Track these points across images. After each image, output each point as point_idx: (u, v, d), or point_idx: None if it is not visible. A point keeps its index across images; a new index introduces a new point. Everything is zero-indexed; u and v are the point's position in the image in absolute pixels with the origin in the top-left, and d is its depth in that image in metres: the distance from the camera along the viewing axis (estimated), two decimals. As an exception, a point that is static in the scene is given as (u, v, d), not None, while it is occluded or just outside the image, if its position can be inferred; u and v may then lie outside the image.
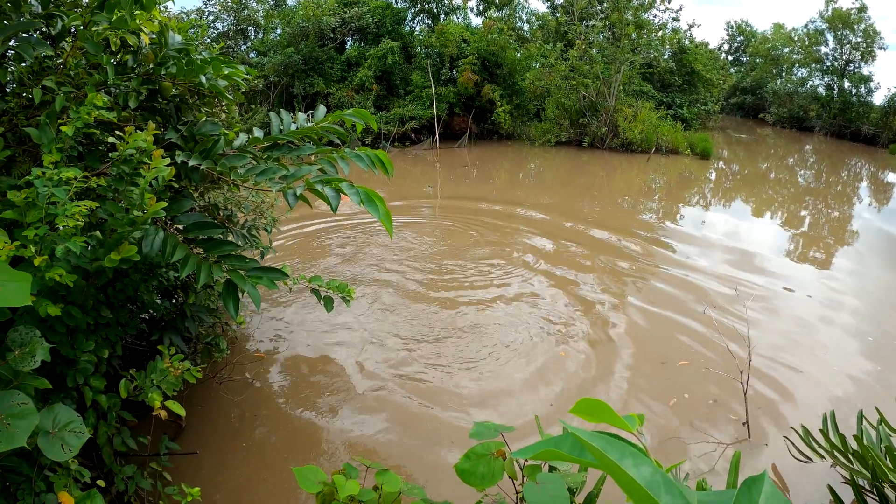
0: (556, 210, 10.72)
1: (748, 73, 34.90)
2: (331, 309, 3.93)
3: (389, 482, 1.77)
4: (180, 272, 2.51)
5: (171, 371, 2.58)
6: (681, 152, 18.38)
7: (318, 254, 7.82)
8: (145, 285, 3.20)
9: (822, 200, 13.94)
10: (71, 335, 2.56)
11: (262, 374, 4.78)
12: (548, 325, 5.74)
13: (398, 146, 18.60)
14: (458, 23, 21.04)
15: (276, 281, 2.71)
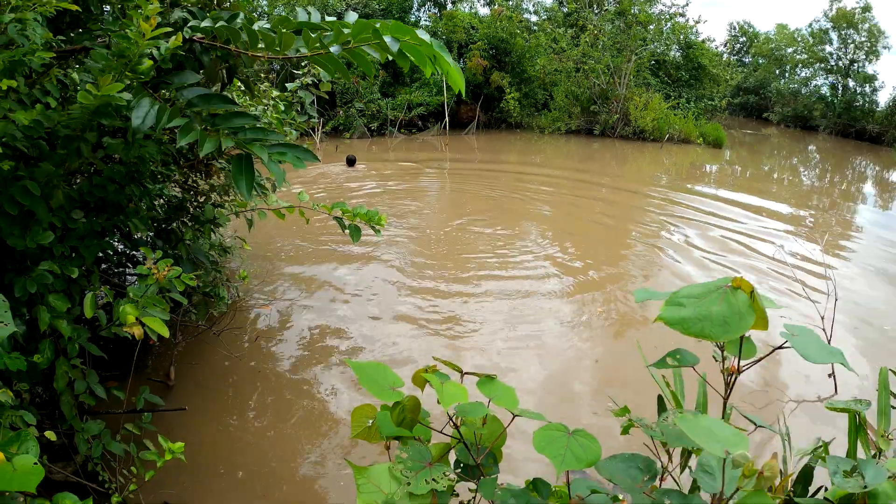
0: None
1: (751, 73, 34.55)
2: (357, 238, 3.34)
3: (503, 395, 1.12)
4: (178, 140, 1.89)
5: (155, 274, 1.94)
6: (693, 141, 17.89)
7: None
8: (132, 190, 2.56)
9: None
10: (25, 223, 1.93)
11: (266, 332, 4.16)
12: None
13: (404, 132, 18.04)
14: (466, 11, 20.58)
15: (304, 160, 2.09)
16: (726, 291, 0.88)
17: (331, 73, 2.36)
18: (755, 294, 0.87)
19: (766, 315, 0.90)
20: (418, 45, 2.02)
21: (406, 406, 0.98)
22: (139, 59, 1.82)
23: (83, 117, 1.84)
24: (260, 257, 5.82)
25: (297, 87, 4.63)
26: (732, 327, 0.82)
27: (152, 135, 2.63)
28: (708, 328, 0.83)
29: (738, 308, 0.85)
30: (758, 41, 35.68)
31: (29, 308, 2.08)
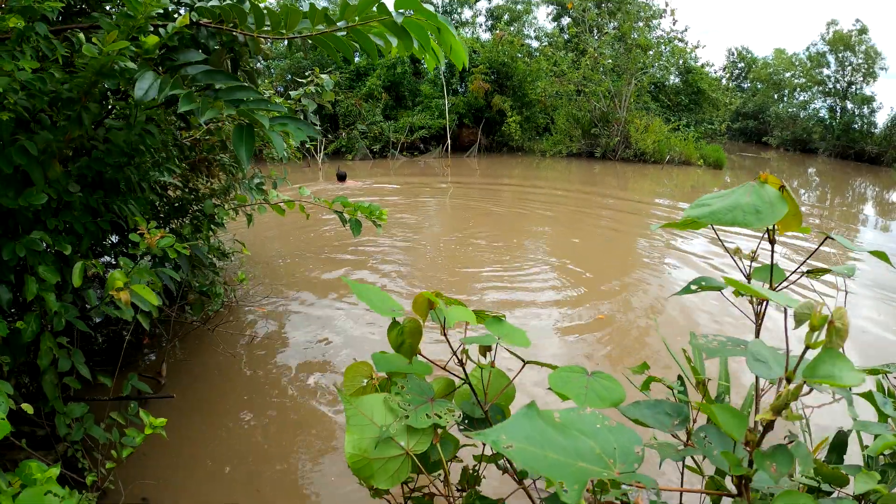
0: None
1: (750, 98, 34.91)
2: (357, 232, 3.30)
3: (513, 335, 1.04)
4: (179, 106, 1.84)
5: (147, 240, 1.87)
6: (693, 163, 17.95)
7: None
8: (131, 172, 2.51)
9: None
10: (19, 186, 1.87)
11: (261, 334, 4.07)
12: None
13: (406, 155, 18.16)
14: (468, 36, 20.92)
15: (305, 132, 2.04)
16: (754, 185, 0.81)
17: (335, 55, 2.32)
18: (787, 189, 0.79)
19: (800, 212, 0.82)
20: (422, 18, 1.99)
21: (406, 328, 0.89)
22: (145, 23, 1.78)
23: (87, 77, 1.79)
24: (258, 262, 5.75)
25: (300, 94, 4.62)
26: (765, 215, 0.75)
27: (155, 119, 2.60)
28: (741, 216, 0.75)
29: (768, 198, 0.77)
30: (756, 66, 36.15)
31: (18, 280, 2.01)
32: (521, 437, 0.55)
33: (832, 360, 0.63)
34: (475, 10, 22.15)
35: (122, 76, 1.99)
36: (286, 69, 17.35)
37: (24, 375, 2.40)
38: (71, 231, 2.27)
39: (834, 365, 0.62)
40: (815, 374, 0.62)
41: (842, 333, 0.64)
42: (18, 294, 2.23)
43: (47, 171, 2.01)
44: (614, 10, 18.56)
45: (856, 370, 0.60)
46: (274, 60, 17.89)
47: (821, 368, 0.62)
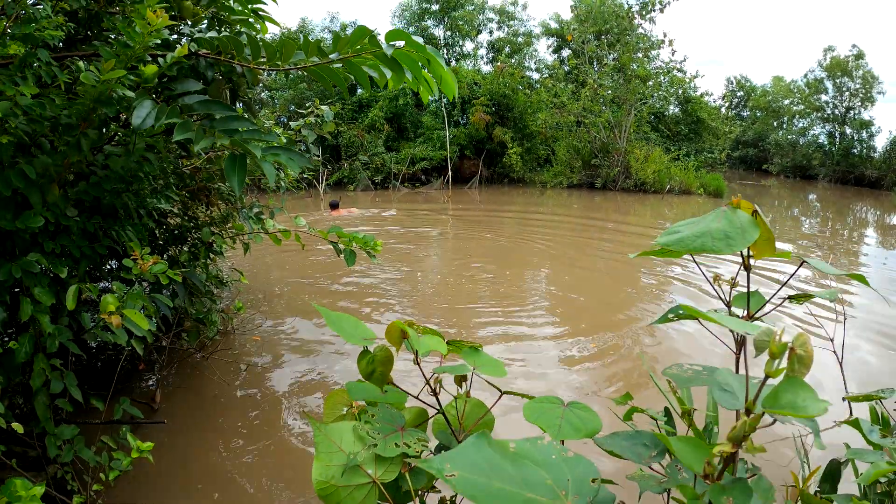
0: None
1: (750, 127, 35.28)
2: (352, 263, 3.30)
3: (489, 365, 1.03)
4: (174, 135, 1.88)
5: (139, 265, 1.87)
6: (694, 192, 18.03)
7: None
8: (128, 198, 2.54)
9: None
10: (17, 208, 1.89)
11: (257, 362, 4.05)
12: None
13: (408, 186, 18.31)
14: (469, 69, 21.31)
15: (298, 163, 2.06)
16: (726, 211, 0.81)
17: (328, 86, 2.36)
18: (759, 214, 0.79)
19: (773, 237, 0.82)
20: (412, 50, 2.04)
21: (377, 357, 0.88)
22: (143, 53, 1.83)
23: (86, 104, 1.83)
24: (256, 289, 5.75)
25: (300, 125, 4.68)
26: (735, 240, 0.75)
27: (154, 147, 2.64)
28: (709, 242, 0.75)
29: (739, 224, 0.77)
30: (755, 94, 36.61)
31: (14, 300, 2.01)
32: (467, 466, 0.53)
33: (794, 389, 0.61)
34: (476, 42, 22.64)
35: (121, 104, 2.04)
36: (289, 99, 17.65)
37: (18, 396, 2.40)
38: (68, 254, 2.29)
39: (796, 394, 0.61)
40: (775, 405, 0.60)
41: (805, 361, 0.63)
42: (15, 314, 2.24)
43: (46, 195, 2.04)
44: (613, 42, 18.93)
45: (819, 400, 0.59)
46: (277, 91, 18.24)
47: (782, 398, 0.60)
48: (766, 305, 1.16)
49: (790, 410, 0.58)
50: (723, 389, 0.73)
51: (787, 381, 0.62)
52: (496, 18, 22.64)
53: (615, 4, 18.93)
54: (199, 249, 3.53)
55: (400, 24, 21.59)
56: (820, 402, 0.58)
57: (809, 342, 0.63)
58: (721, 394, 0.73)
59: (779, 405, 0.60)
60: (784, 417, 0.63)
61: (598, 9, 18.90)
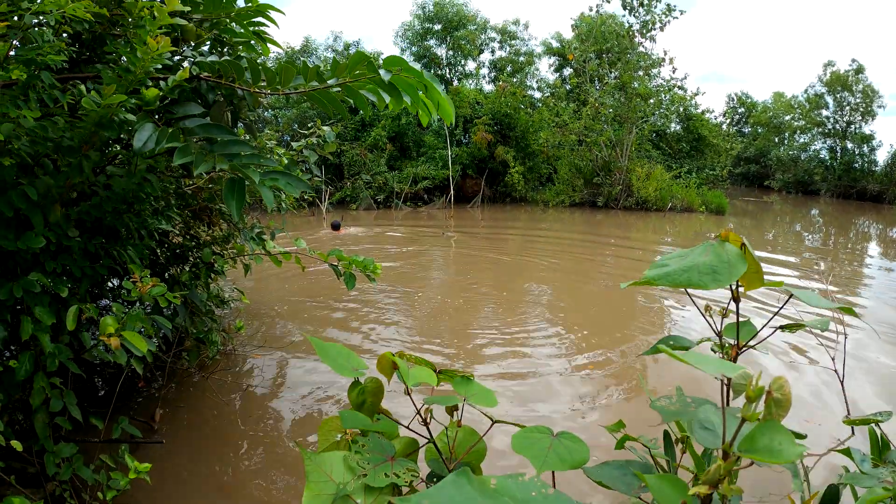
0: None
1: (751, 143, 35.45)
2: (351, 286, 3.31)
3: (480, 395, 1.04)
4: (174, 159, 1.90)
5: (139, 287, 1.89)
6: (696, 210, 18.06)
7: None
8: (129, 219, 2.57)
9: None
10: (19, 229, 1.92)
11: (256, 383, 4.04)
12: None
13: (410, 205, 18.39)
14: (472, 88, 21.52)
15: (296, 188, 2.08)
16: (713, 244, 0.82)
17: (328, 110, 2.40)
18: (746, 247, 0.80)
19: (761, 269, 0.83)
20: (410, 76, 2.07)
21: (367, 388, 0.89)
22: (144, 77, 1.86)
23: (87, 127, 1.87)
24: (257, 311, 5.76)
25: (302, 146, 4.73)
26: (722, 275, 0.75)
27: (156, 168, 2.67)
28: (695, 277, 0.75)
29: (726, 258, 0.78)
30: (756, 111, 36.82)
31: (15, 318, 2.03)
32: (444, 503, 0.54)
33: (770, 433, 0.61)
34: (478, 62, 22.88)
35: (122, 127, 2.07)
36: (293, 118, 17.82)
37: (19, 413, 2.40)
38: (69, 274, 2.31)
39: (772, 438, 0.60)
40: (751, 448, 0.60)
41: (782, 404, 0.62)
42: (16, 333, 2.26)
43: (48, 215, 2.06)
44: (615, 61, 19.11)
45: (794, 444, 0.58)
46: (280, 110, 18.42)
47: (758, 441, 0.60)
48: (759, 334, 1.17)
49: (765, 455, 0.58)
50: (704, 427, 0.73)
51: (763, 425, 0.61)
52: (498, 38, 22.93)
53: (616, 23, 19.16)
54: (201, 269, 3.55)
55: (403, 44, 21.89)
56: (796, 446, 0.58)
57: (787, 385, 0.63)
58: (702, 432, 0.73)
59: (754, 449, 0.60)
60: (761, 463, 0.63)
61: (599, 28, 19.13)
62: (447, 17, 20.59)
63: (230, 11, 2.59)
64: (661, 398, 0.99)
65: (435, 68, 21.79)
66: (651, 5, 18.02)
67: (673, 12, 18.02)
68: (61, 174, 2.11)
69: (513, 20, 22.85)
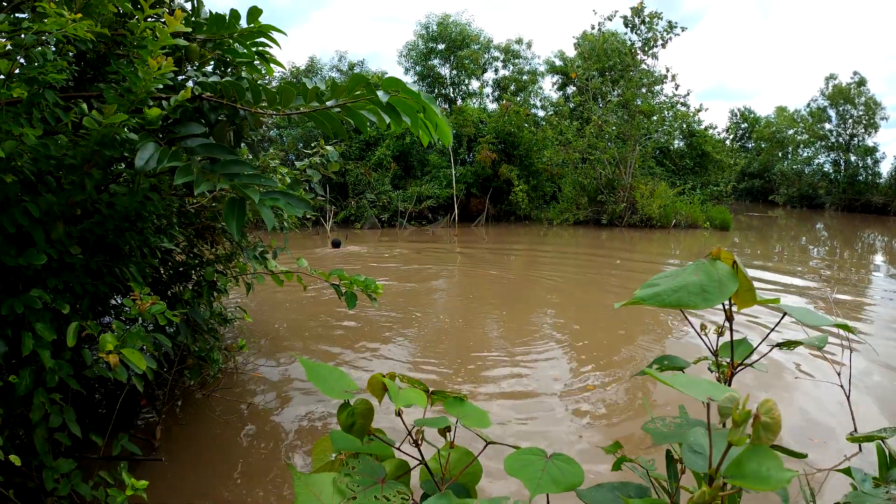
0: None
1: (755, 158, 35.48)
2: (352, 306, 3.31)
3: (473, 416, 1.03)
4: (175, 179, 1.92)
5: (138, 305, 1.90)
6: (700, 226, 18.03)
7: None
8: (131, 237, 2.58)
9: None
10: (21, 245, 1.94)
11: (259, 401, 4.03)
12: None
13: (414, 224, 18.45)
14: (475, 107, 21.69)
15: (297, 208, 2.09)
16: (704, 263, 0.81)
17: (328, 130, 2.42)
18: (738, 265, 0.80)
19: (753, 287, 0.82)
20: (408, 98, 2.09)
21: (357, 410, 0.88)
22: (145, 97, 1.89)
23: (89, 146, 1.89)
24: (259, 329, 5.76)
25: (305, 165, 4.76)
26: (712, 295, 0.74)
27: (159, 187, 2.70)
28: (685, 297, 0.75)
29: (717, 277, 0.77)
30: (759, 126, 36.91)
31: (16, 333, 2.04)
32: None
33: (758, 457, 0.60)
34: (482, 81, 23.11)
35: (124, 146, 2.10)
36: (298, 137, 18.00)
37: (20, 428, 2.40)
38: (72, 291, 2.32)
39: (760, 463, 0.59)
40: (738, 474, 0.59)
41: (771, 427, 0.61)
42: (17, 348, 2.27)
43: (50, 232, 2.08)
44: (617, 78, 19.26)
45: (783, 469, 0.57)
46: (286, 129, 18.62)
47: (745, 466, 0.58)
48: (758, 351, 1.16)
49: (753, 480, 0.57)
50: (693, 451, 0.72)
51: (751, 449, 0.60)
52: (501, 57, 23.18)
53: (618, 41, 19.34)
54: (203, 288, 3.56)
55: (407, 64, 22.14)
56: (784, 471, 0.56)
57: (776, 408, 0.61)
58: (691, 456, 0.72)
59: (741, 474, 0.58)
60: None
61: (601, 46, 19.32)
62: (450, 37, 20.85)
63: (233, 32, 2.63)
64: (655, 420, 0.98)
65: (439, 87, 22.02)
66: (653, 23, 18.21)
67: (674, 29, 18.21)
68: (64, 192, 2.14)
69: (516, 39, 23.13)
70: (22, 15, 2.07)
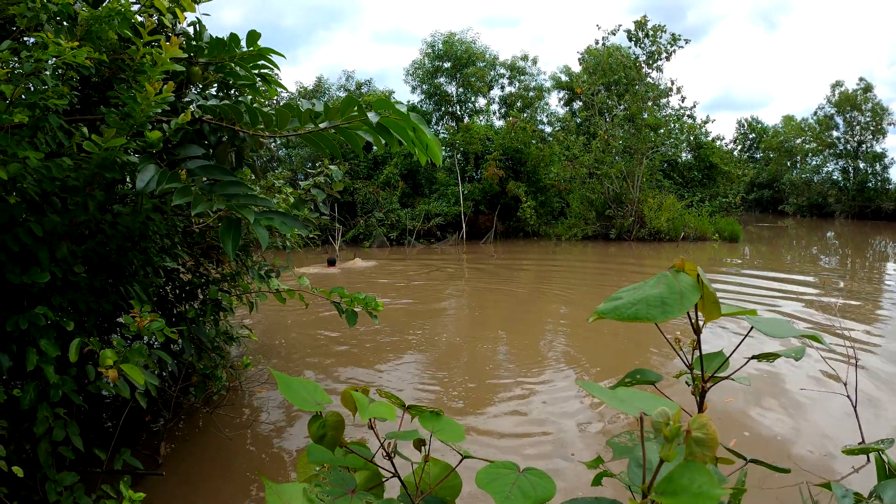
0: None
1: (763, 168, 35.28)
2: (353, 323, 3.34)
3: (447, 429, 1.05)
4: (173, 199, 1.98)
5: (137, 322, 1.94)
6: (709, 238, 17.92)
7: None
8: (134, 256, 2.64)
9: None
10: (26, 264, 1.99)
11: (263, 418, 4.05)
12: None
13: (423, 242, 18.50)
14: (482, 124, 21.84)
15: (291, 227, 2.14)
16: (666, 275, 0.82)
17: (324, 151, 2.47)
18: (701, 277, 0.81)
19: (717, 299, 0.84)
20: (398, 118, 2.14)
21: (328, 421, 0.90)
22: (145, 120, 1.95)
23: (90, 168, 1.95)
24: (262, 346, 5.81)
25: (310, 185, 4.82)
26: (672, 307, 0.75)
27: (162, 208, 2.76)
28: (643, 310, 0.76)
29: (678, 288, 0.78)
30: (766, 136, 36.75)
31: (21, 349, 2.09)
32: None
33: (690, 474, 0.58)
34: (489, 98, 23.28)
35: (125, 169, 2.16)
36: (306, 157, 18.22)
37: (26, 442, 2.44)
38: (76, 308, 2.37)
39: (692, 480, 0.58)
40: (668, 490, 0.57)
41: (706, 443, 0.60)
42: (22, 363, 2.32)
43: (55, 251, 2.15)
44: (623, 92, 19.33)
45: (716, 486, 0.56)
46: (294, 149, 18.86)
47: (676, 482, 0.58)
48: (733, 365, 1.17)
49: (682, 497, 0.56)
50: (638, 465, 0.72)
51: (684, 465, 0.60)
52: (507, 74, 23.36)
53: (622, 55, 19.43)
54: (207, 306, 3.61)
55: (413, 82, 22.37)
56: (717, 489, 0.56)
57: (710, 424, 0.62)
58: (635, 471, 0.72)
59: (671, 490, 0.58)
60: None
61: (606, 60, 19.41)
62: (456, 55, 21.09)
63: (233, 55, 2.70)
64: (623, 434, 0.99)
65: (446, 105, 22.22)
66: (656, 36, 18.31)
67: (678, 42, 18.29)
68: (68, 212, 2.21)
69: (521, 55, 23.32)
70: (30, 40, 2.15)
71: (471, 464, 1.13)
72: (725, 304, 0.97)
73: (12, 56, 1.81)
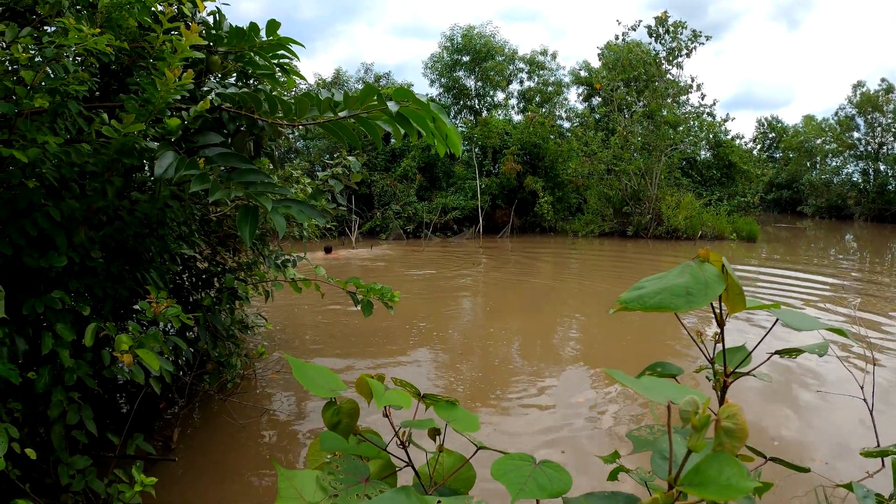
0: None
1: (782, 168, 34.67)
2: (368, 314, 3.34)
3: (463, 420, 1.03)
4: (191, 186, 1.98)
5: (153, 308, 1.95)
6: (726, 237, 17.65)
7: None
8: (151, 243, 2.66)
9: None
10: (44, 248, 2.02)
11: (276, 407, 4.08)
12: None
13: (439, 236, 18.49)
14: (500, 118, 21.72)
15: (309, 216, 2.13)
16: (691, 265, 0.80)
17: (342, 141, 2.46)
18: (726, 267, 0.78)
19: (742, 290, 0.81)
20: (418, 108, 2.12)
21: (343, 408, 0.89)
22: (164, 107, 1.96)
23: (109, 154, 1.96)
24: (277, 334, 5.85)
25: (328, 175, 4.82)
26: (697, 297, 0.72)
27: (180, 195, 2.78)
28: (667, 299, 0.73)
29: (703, 279, 0.76)
30: (787, 135, 36.10)
31: (37, 333, 2.12)
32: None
33: (719, 465, 0.56)
34: (507, 92, 23.14)
35: (144, 155, 2.17)
36: (324, 149, 18.28)
37: (40, 425, 2.48)
38: (93, 293, 2.40)
39: (720, 471, 0.56)
40: (695, 481, 0.56)
41: (735, 433, 0.58)
42: (38, 347, 2.36)
43: (73, 236, 2.17)
44: (642, 88, 19.08)
45: (746, 478, 0.54)
46: (312, 140, 18.92)
47: (704, 474, 0.56)
48: (761, 359, 1.14)
49: (711, 489, 0.54)
50: (663, 458, 0.70)
51: (712, 456, 0.58)
52: (526, 69, 23.18)
53: (642, 51, 19.16)
54: (223, 294, 3.64)
55: (432, 76, 22.31)
56: (747, 481, 0.53)
57: (741, 414, 0.59)
58: (660, 463, 0.70)
59: (699, 482, 0.55)
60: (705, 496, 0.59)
61: (626, 56, 19.16)
62: (475, 49, 20.96)
63: (253, 44, 2.69)
64: (642, 427, 0.96)
65: (464, 99, 22.13)
66: (677, 32, 18.03)
67: (699, 38, 17.99)
68: (86, 198, 2.22)
69: (541, 50, 23.11)
70: (50, 28, 2.16)
71: (485, 456, 1.12)
72: (749, 298, 0.94)
73: (33, 42, 1.82)
